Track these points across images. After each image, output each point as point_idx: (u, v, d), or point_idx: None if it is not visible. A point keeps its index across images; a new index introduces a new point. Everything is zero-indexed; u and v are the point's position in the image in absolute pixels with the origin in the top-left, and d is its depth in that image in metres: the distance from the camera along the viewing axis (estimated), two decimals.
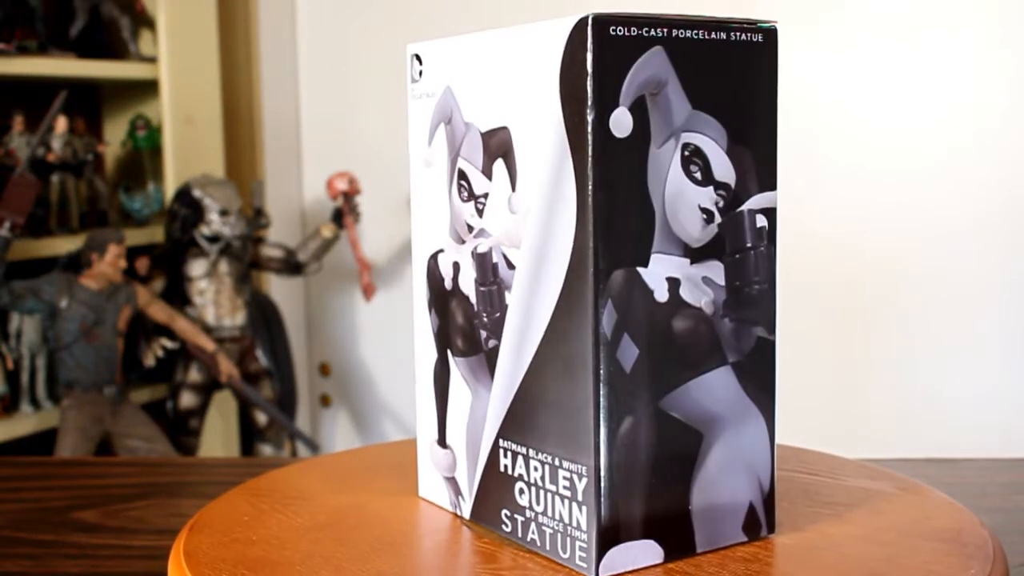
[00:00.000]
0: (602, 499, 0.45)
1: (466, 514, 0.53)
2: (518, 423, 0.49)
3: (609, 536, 0.46)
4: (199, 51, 2.06)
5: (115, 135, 2.12)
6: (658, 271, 0.45)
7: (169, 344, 1.91)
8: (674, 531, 0.47)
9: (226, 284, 1.93)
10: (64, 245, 1.81)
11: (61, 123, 1.81)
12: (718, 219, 0.46)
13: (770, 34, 0.47)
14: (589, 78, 0.43)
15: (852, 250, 1.94)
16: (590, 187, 0.44)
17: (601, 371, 0.45)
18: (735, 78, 0.47)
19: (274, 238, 2.12)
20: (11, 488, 0.74)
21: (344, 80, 2.33)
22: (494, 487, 0.51)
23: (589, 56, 0.43)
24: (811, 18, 1.94)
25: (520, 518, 0.49)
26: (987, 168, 1.86)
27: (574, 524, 0.46)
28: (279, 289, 2.28)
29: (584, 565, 0.46)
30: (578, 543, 0.46)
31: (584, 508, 0.46)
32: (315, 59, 2.37)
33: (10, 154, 1.77)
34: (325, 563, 0.48)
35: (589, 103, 0.43)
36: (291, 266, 2.06)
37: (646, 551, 0.47)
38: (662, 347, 0.46)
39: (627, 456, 0.46)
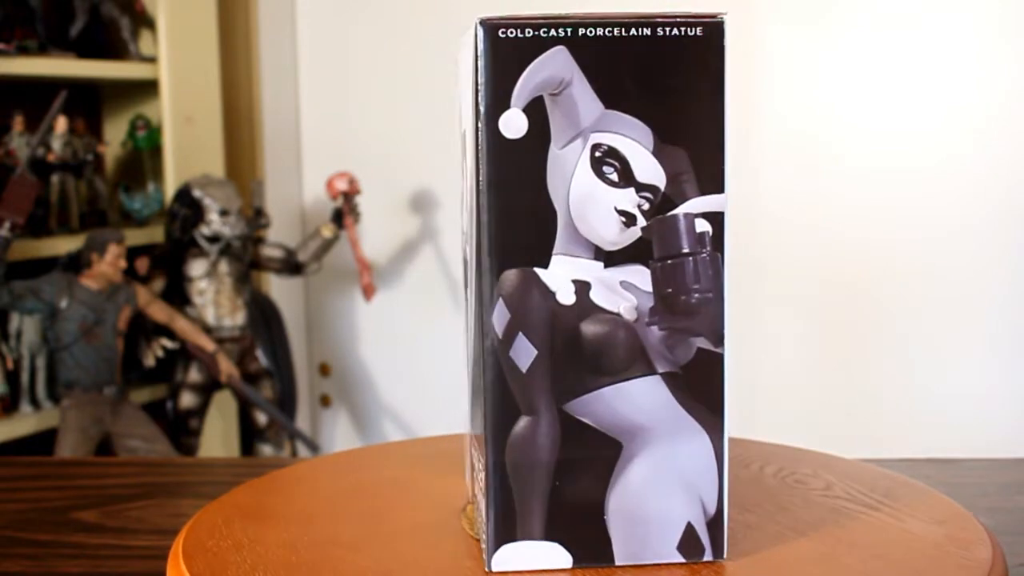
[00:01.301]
0: (495, 494, 0.46)
1: (469, 496, 0.55)
2: (473, 415, 0.51)
3: (503, 532, 0.46)
4: (199, 51, 2.06)
5: (115, 135, 2.12)
6: (561, 273, 0.45)
7: (169, 344, 1.91)
8: (586, 539, 0.46)
9: (226, 284, 1.93)
10: (64, 245, 1.81)
11: (61, 123, 1.81)
12: (641, 222, 0.45)
13: (713, 28, 0.45)
14: (479, 80, 0.44)
15: (852, 250, 1.94)
16: (481, 187, 0.45)
17: (494, 369, 0.45)
18: (666, 76, 0.45)
19: (274, 238, 2.12)
20: (11, 488, 0.74)
21: (344, 80, 2.33)
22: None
23: (479, 59, 0.44)
24: (812, 18, 1.94)
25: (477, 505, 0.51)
26: (988, 168, 1.86)
27: (484, 516, 0.47)
28: (279, 289, 2.28)
29: (485, 558, 0.47)
30: (484, 535, 0.47)
31: (484, 501, 0.47)
32: (315, 59, 2.37)
33: (10, 154, 1.77)
34: (297, 518, 0.51)
35: (480, 105, 0.44)
36: (291, 266, 2.06)
37: (550, 554, 0.46)
38: (568, 350, 0.45)
39: (525, 455, 0.46)
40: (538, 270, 0.45)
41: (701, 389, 0.46)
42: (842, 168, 1.94)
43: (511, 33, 0.44)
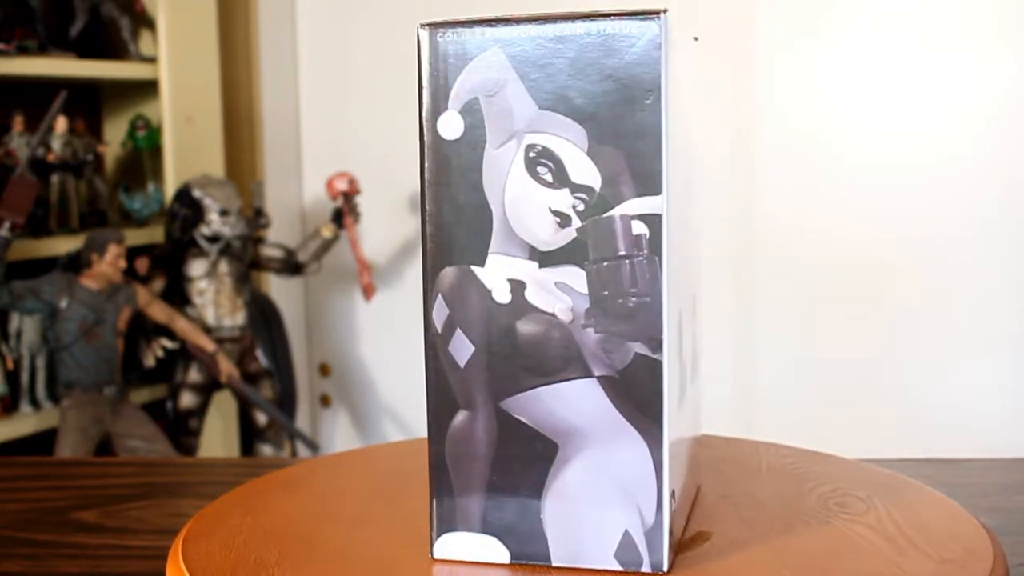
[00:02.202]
0: (436, 483, 0.47)
1: None
2: None
3: (445, 522, 0.47)
4: (199, 51, 2.06)
5: (115, 135, 2.12)
6: (497, 272, 0.45)
7: (169, 344, 1.91)
8: (523, 536, 0.46)
9: (226, 284, 1.93)
10: (64, 245, 1.81)
11: (61, 123, 1.82)
12: (577, 223, 0.44)
13: (652, 23, 0.43)
14: (421, 83, 0.46)
15: (851, 250, 1.94)
16: (423, 186, 0.46)
17: (434, 362, 0.46)
18: (602, 75, 0.43)
19: (274, 238, 2.12)
20: (11, 488, 0.74)
21: (344, 80, 2.33)
22: None
23: (421, 62, 0.46)
24: (812, 18, 1.94)
25: None
26: (988, 168, 1.86)
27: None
28: (279, 289, 2.28)
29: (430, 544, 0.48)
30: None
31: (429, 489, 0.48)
32: (315, 59, 2.37)
33: (10, 154, 1.77)
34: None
35: (423, 107, 0.46)
36: (291, 266, 2.06)
37: (488, 547, 0.47)
38: (504, 348, 0.45)
39: (463, 448, 0.46)
40: (475, 268, 0.45)
41: (639, 395, 0.44)
42: (842, 168, 1.94)
43: (449, 36, 0.45)
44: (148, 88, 2.03)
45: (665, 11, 0.43)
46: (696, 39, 0.53)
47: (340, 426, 2.44)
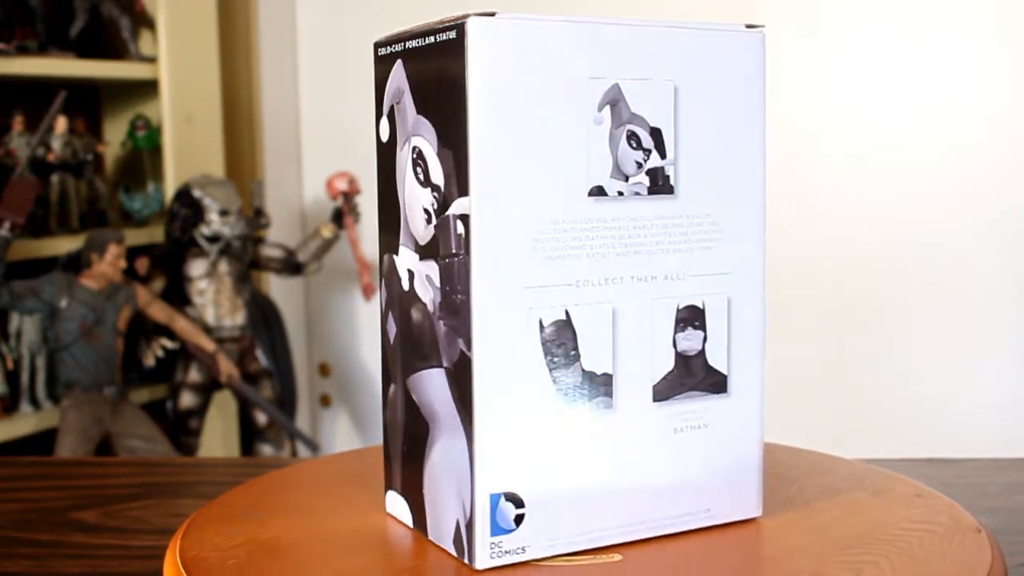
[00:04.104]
0: (384, 445, 0.53)
1: None
2: None
3: (387, 481, 0.53)
4: (199, 51, 2.06)
5: (115, 135, 2.12)
6: (402, 262, 0.50)
7: (169, 344, 1.91)
8: (417, 505, 0.50)
9: (226, 284, 1.93)
10: (64, 245, 1.81)
11: (61, 123, 1.81)
12: (434, 220, 0.47)
13: (459, 29, 0.45)
14: (375, 93, 0.51)
15: (853, 249, 1.94)
16: (376, 184, 0.52)
17: (382, 338, 0.52)
18: (441, 80, 0.46)
19: (274, 238, 2.12)
20: (11, 488, 0.74)
21: (344, 80, 2.33)
22: None
23: (374, 74, 0.51)
24: (811, 17, 1.94)
25: None
26: (988, 168, 1.86)
27: None
28: (279, 289, 2.28)
29: None
30: None
31: None
32: (315, 59, 2.37)
33: (10, 154, 1.77)
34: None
35: (375, 113, 0.51)
36: (291, 266, 2.06)
37: (404, 509, 0.52)
38: (407, 331, 0.50)
39: (391, 418, 0.52)
40: (395, 256, 0.51)
41: (463, 390, 0.46)
42: (841, 168, 1.94)
43: (383, 50, 0.50)
44: (148, 88, 2.03)
45: (484, 14, 0.45)
46: (751, 26, 0.52)
47: (340, 426, 2.44)
